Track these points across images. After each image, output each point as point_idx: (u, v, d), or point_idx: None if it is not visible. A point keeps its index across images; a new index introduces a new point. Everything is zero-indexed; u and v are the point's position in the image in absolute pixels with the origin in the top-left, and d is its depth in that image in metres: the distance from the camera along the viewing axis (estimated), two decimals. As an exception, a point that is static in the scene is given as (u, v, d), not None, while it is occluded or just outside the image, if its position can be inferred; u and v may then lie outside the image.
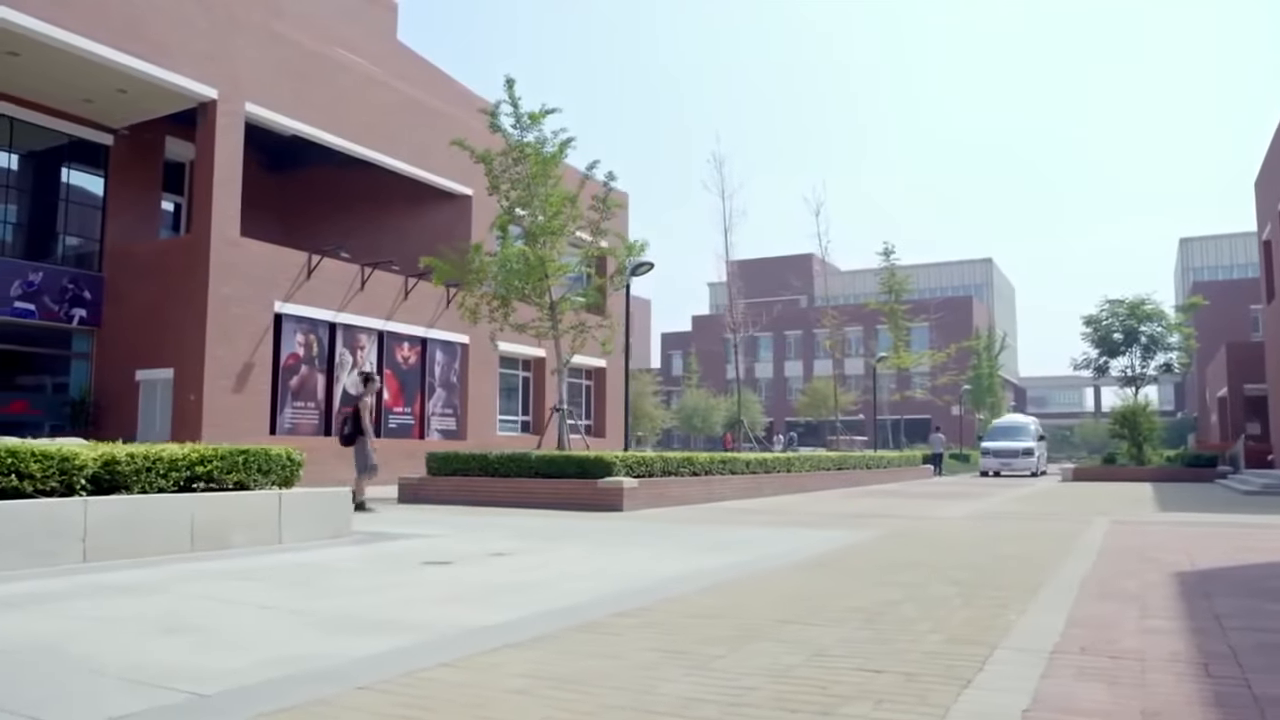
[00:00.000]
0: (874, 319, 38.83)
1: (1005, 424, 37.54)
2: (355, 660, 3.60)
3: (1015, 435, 35.12)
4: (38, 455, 6.53)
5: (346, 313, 21.65)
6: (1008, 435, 35.31)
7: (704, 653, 3.72)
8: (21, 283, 18.64)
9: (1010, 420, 38.81)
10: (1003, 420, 39.16)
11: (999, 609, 4.78)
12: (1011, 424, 37.23)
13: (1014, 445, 34.10)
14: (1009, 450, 33.91)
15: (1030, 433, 35.35)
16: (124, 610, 4.66)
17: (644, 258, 16.50)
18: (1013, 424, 37.18)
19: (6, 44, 16.41)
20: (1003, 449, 34.17)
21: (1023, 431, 35.47)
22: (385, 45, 27.93)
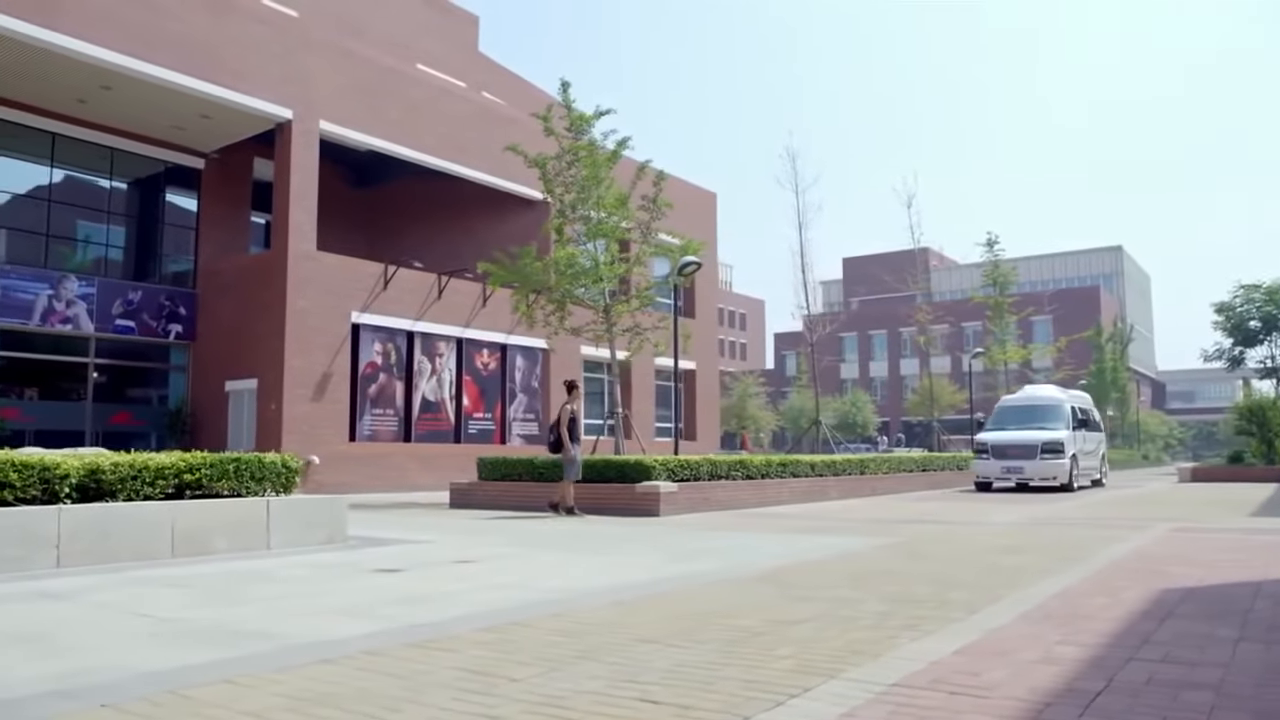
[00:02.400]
0: (997, 314, 36.98)
1: (1020, 401, 22.42)
2: (150, 673, 3.52)
3: (1033, 419, 20.82)
4: (17, 465, 6.80)
5: (424, 321, 22.12)
6: (1021, 419, 21.07)
7: (508, 675, 3.47)
8: (122, 301, 19.83)
9: (1029, 395, 22.77)
10: (1017, 395, 23.30)
11: (906, 629, 4.32)
12: (1030, 401, 22.08)
13: (1028, 437, 20.12)
14: (1020, 445, 20.04)
15: (1061, 414, 20.80)
16: (5, 618, 4.75)
17: (693, 257, 16.14)
18: (1032, 401, 22.05)
19: (99, 79, 17.49)
20: (1010, 443, 20.26)
21: (1047, 413, 21.02)
22: (466, 57, 28.50)
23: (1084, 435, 21.31)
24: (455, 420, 22.96)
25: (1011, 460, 20.08)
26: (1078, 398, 22.97)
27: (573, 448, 12.77)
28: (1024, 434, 20.27)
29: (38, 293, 18.53)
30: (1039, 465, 19.69)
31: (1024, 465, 19.87)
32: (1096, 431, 23.02)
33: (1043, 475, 19.66)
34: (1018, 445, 20.09)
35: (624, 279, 18.88)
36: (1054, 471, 19.55)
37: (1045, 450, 19.68)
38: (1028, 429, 20.42)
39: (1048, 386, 24.02)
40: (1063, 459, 19.51)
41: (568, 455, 12.77)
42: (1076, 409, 21.46)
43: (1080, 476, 20.60)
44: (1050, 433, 20.03)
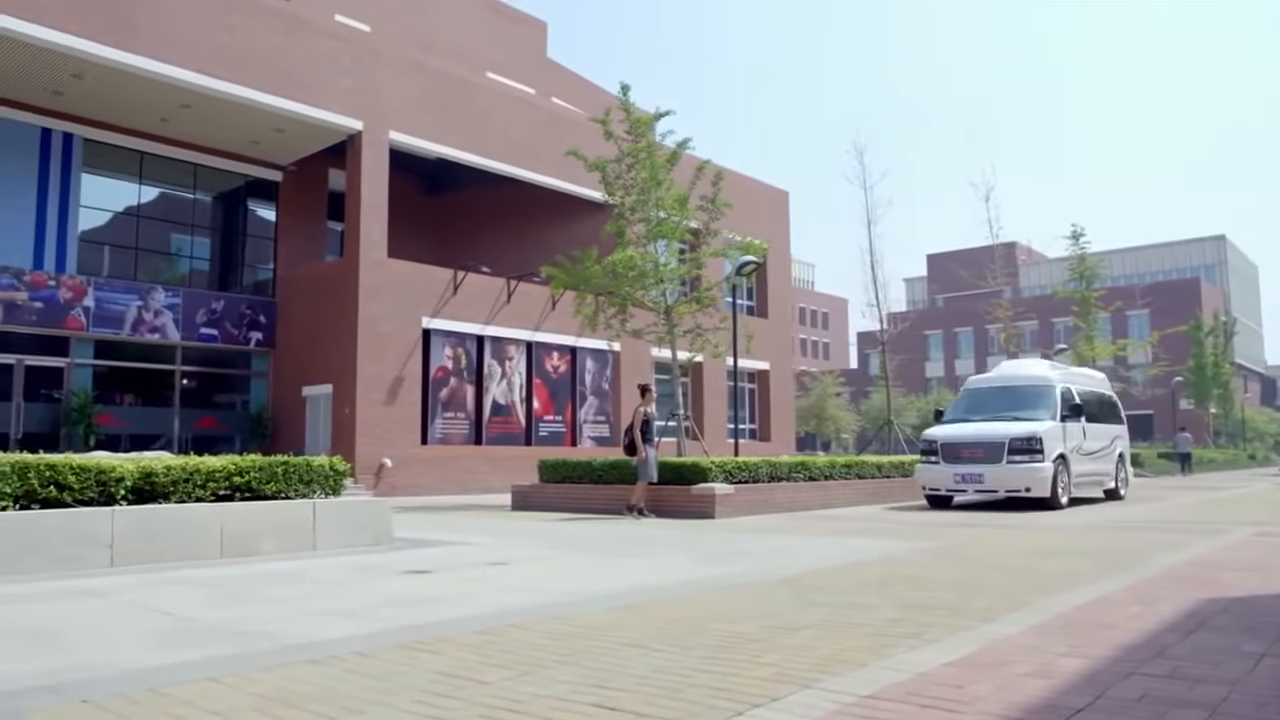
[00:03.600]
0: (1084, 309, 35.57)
1: (992, 382, 16.32)
2: (140, 671, 3.63)
3: (1007, 406, 15.05)
4: (75, 468, 7.12)
5: (494, 325, 22.44)
6: (991, 406, 15.32)
7: (479, 678, 3.47)
8: (206, 311, 20.65)
9: (1006, 374, 16.40)
10: (990, 374, 16.94)
11: (908, 638, 4.17)
12: (1006, 381, 15.95)
13: (990, 432, 14.34)
14: (978, 443, 14.28)
15: (1045, 399, 14.87)
16: (29, 615, 4.95)
17: (752, 257, 15.97)
18: (1009, 381, 15.90)
19: (178, 98, 18.27)
20: (964, 441, 14.48)
21: (1027, 397, 15.10)
22: (534, 63, 28.82)
23: (1081, 428, 14.90)
24: (526, 423, 23.22)
25: (966, 465, 14.03)
26: (1079, 377, 16.78)
27: (648, 450, 12.84)
28: (986, 427, 14.32)
29: (128, 304, 19.45)
30: (1004, 472, 13.73)
31: (983, 472, 13.84)
32: (1110, 424, 16.70)
33: (1010, 485, 13.78)
34: (975, 444, 14.07)
35: (690, 280, 18.82)
36: (1025, 480, 13.59)
37: (1015, 450, 13.65)
38: (995, 419, 14.54)
39: (1033, 361, 17.98)
40: (1040, 462, 13.52)
41: (640, 457, 12.88)
42: (1072, 393, 15.12)
43: (1078, 485, 14.73)
44: (1024, 424, 14.00)
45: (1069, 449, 14.44)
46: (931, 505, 15.03)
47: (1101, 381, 17.99)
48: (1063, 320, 55.05)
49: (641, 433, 13.00)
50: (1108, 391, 17.87)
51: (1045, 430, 13.97)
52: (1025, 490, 13.74)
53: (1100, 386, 17.59)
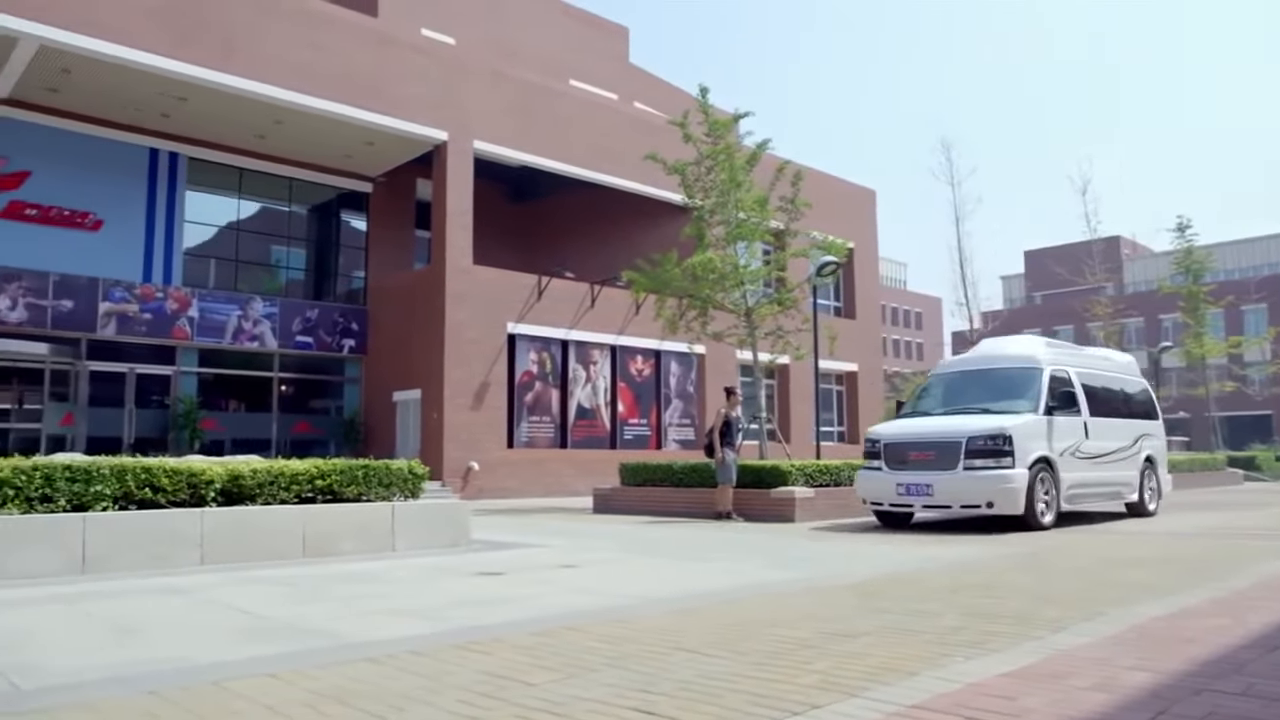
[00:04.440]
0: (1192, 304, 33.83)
1: (967, 365, 12.82)
2: (206, 665, 3.79)
3: (980, 395, 11.66)
4: (168, 471, 7.48)
5: (578, 330, 22.67)
6: (960, 395, 11.95)
7: (526, 679, 3.51)
8: (301, 319, 21.43)
9: (984, 354, 12.88)
10: (967, 355, 13.55)
11: (968, 647, 4.05)
12: (983, 364, 12.42)
13: (944, 429, 10.94)
14: (926, 444, 10.96)
15: (1027, 386, 11.34)
16: (116, 610, 5.22)
17: (832, 257, 15.74)
18: (985, 364, 12.38)
19: (273, 115, 19.03)
20: (911, 441, 11.17)
21: (1004, 384, 11.68)
22: (617, 69, 29.02)
23: (1081, 424, 11.55)
24: (610, 426, 23.38)
25: (913, 472, 10.81)
26: (1088, 359, 13.03)
27: (726, 453, 12.81)
28: (943, 423, 11.09)
29: (229, 314, 20.34)
30: (959, 481, 10.38)
31: (932, 481, 10.52)
32: (1133, 419, 13.07)
33: (966, 498, 10.46)
34: (925, 444, 10.86)
35: (773, 281, 18.68)
36: (986, 491, 10.25)
37: (974, 452, 10.34)
38: (961, 413, 11.24)
39: (1022, 338, 13.69)
40: (1008, 468, 10.20)
41: (718, 460, 12.87)
42: (1070, 378, 11.73)
43: (1075, 497, 11.41)
44: (990, 418, 10.68)
45: (1058, 450, 10.90)
46: (883, 524, 11.63)
47: (1124, 366, 14.05)
48: (1170, 317, 52.67)
49: (721, 435, 12.97)
50: (1132, 378, 13.93)
51: (1017, 426, 10.42)
52: (986, 505, 10.26)
53: (1121, 372, 13.73)
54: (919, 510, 11.50)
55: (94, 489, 6.98)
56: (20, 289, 17.85)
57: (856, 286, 30.87)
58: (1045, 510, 10.65)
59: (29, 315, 17.91)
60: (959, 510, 11.28)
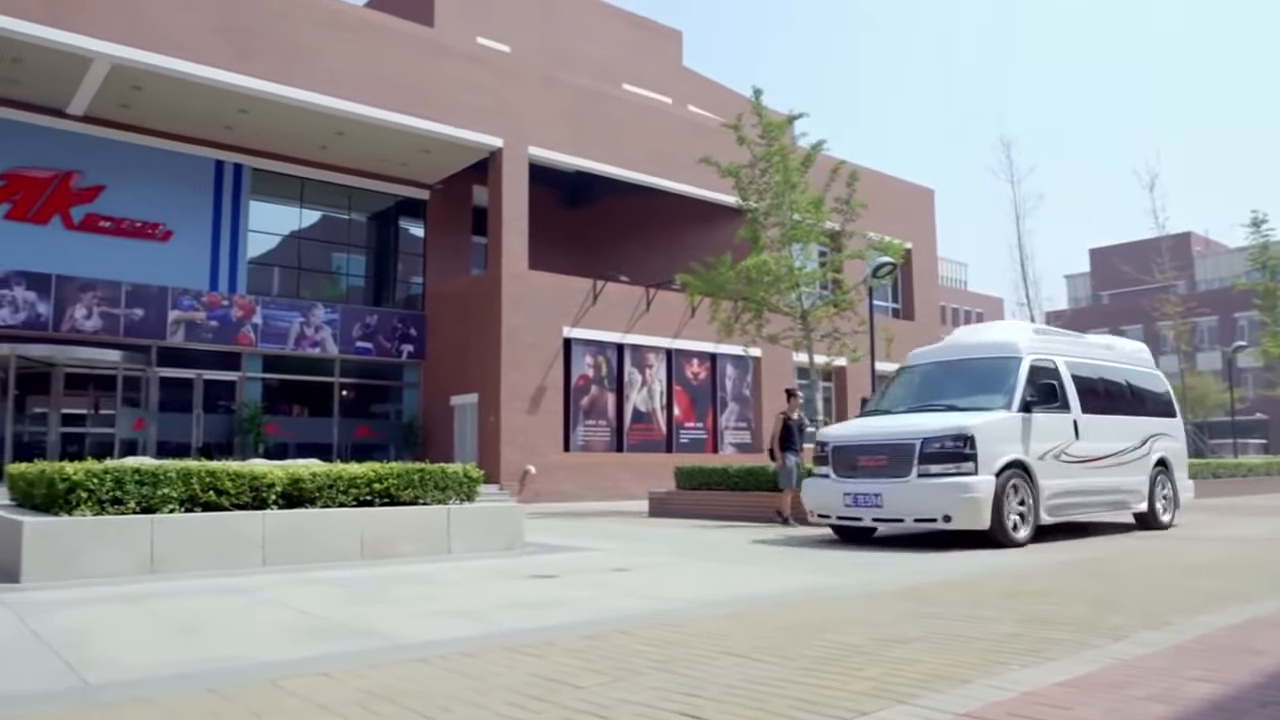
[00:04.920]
0: (1269, 302, 32.54)
1: (939, 355, 11.05)
2: (263, 664, 3.88)
3: (949, 390, 10.11)
4: (231, 474, 7.67)
5: (634, 333, 22.71)
6: (928, 390, 10.38)
7: (575, 682, 3.53)
8: (361, 325, 21.84)
9: (962, 341, 11.17)
10: (941, 344, 11.74)
11: (1024, 654, 3.96)
12: (956, 354, 10.77)
13: (897, 430, 9.39)
14: (876, 447, 9.45)
15: (1001, 380, 9.71)
16: (180, 609, 5.37)
17: (889, 258, 15.54)
18: (959, 354, 10.73)
19: (334, 126, 19.48)
20: (861, 444, 9.66)
21: (979, 377, 10.06)
22: (670, 72, 29.04)
23: (1070, 422, 9.93)
24: (667, 430, 23.37)
25: (861, 480, 9.37)
26: (1084, 348, 11.23)
27: (786, 456, 12.73)
28: (899, 422, 9.59)
29: (292, 321, 20.81)
30: (910, 490, 8.92)
31: (882, 491, 9.12)
32: (1142, 417, 11.38)
33: (920, 511, 8.94)
34: (876, 447, 9.44)
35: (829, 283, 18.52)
36: (942, 502, 8.73)
37: (929, 456, 8.90)
38: (923, 410, 9.81)
39: (1003, 324, 12.21)
40: (969, 475, 8.71)
41: (778, 464, 12.79)
42: (1057, 369, 10.08)
43: (1062, 508, 9.74)
44: (951, 417, 9.23)
45: (1038, 453, 9.31)
46: (842, 539, 10.11)
47: (1131, 355, 12.13)
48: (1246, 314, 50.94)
49: (782, 439, 12.87)
50: (1143, 369, 12.07)
51: (982, 425, 8.89)
52: (943, 519, 8.70)
53: (1127, 362, 11.83)
54: (866, 522, 9.53)
55: (161, 492, 7.19)
56: (95, 298, 18.49)
57: (915, 287, 30.44)
58: (1020, 524, 9.04)
59: (103, 324, 18.55)
60: (912, 525, 9.32)
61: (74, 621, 4.99)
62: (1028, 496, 9.18)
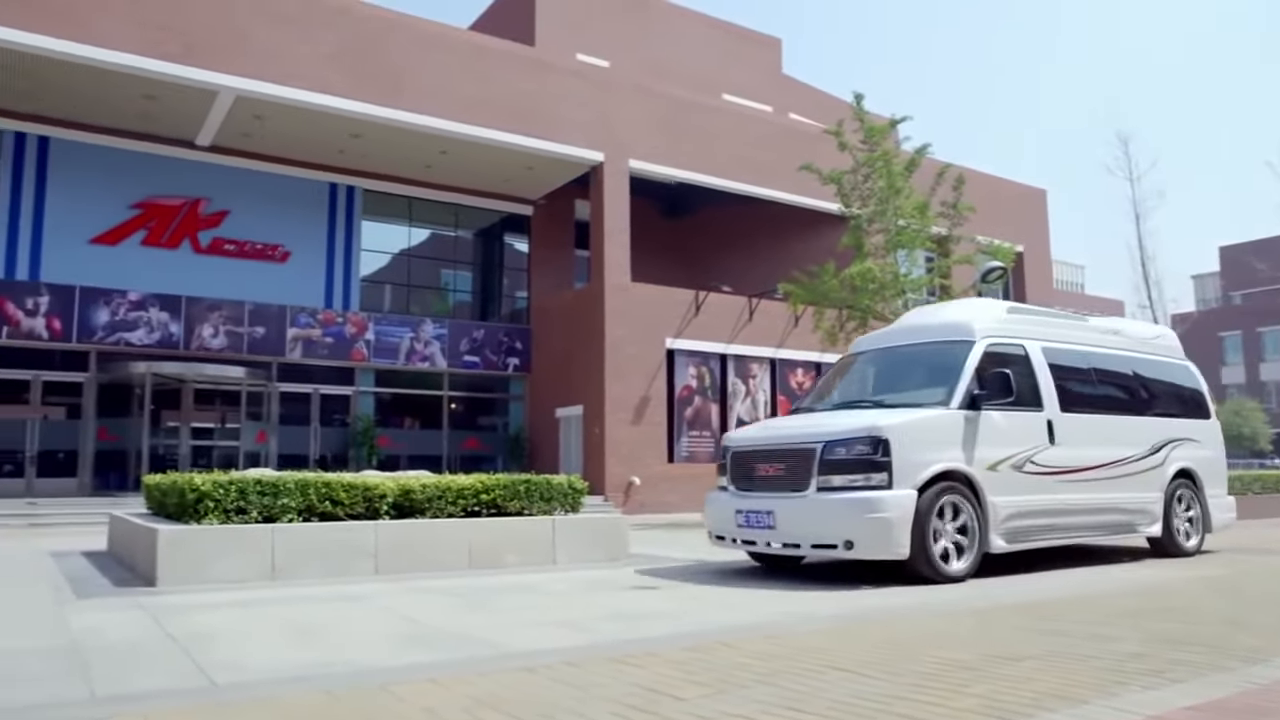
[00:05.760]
0: None
1: (888, 339, 9.10)
2: (377, 669, 4.01)
3: (888, 383, 8.50)
4: (345, 486, 7.96)
5: (736, 344, 22.61)
6: (869, 383, 8.76)
7: (677, 694, 3.52)
8: (468, 340, 22.39)
9: (913, 323, 9.12)
10: (894, 326, 9.78)
11: (1147, 675, 3.76)
12: (903, 337, 8.84)
13: (802, 432, 7.45)
14: (779, 449, 7.55)
15: (948, 371, 7.70)
16: (298, 614, 5.58)
17: (998, 263, 15.04)
18: (906, 337, 8.80)
19: (438, 145, 20.10)
20: (759, 448, 7.79)
21: (923, 367, 8.28)
22: (770, 80, 28.90)
23: (1042, 422, 8.01)
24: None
25: (757, 495, 7.63)
26: (1070, 330, 9.13)
27: None
28: (804, 424, 7.76)
29: (402, 336, 21.51)
30: (807, 509, 7.12)
31: (775, 509, 7.34)
32: (1156, 416, 9.30)
33: (818, 535, 7.06)
34: (772, 454, 7.67)
35: (938, 289, 18.07)
36: (844, 526, 6.87)
37: (830, 465, 7.06)
38: (846, 408, 8.17)
39: (959, 302, 10.32)
40: (879, 490, 6.83)
41: None
42: (1021, 356, 8.13)
43: (1028, 532, 7.69)
44: (864, 415, 7.50)
45: (989, 461, 7.38)
46: (767, 566, 8.32)
47: (1147, 342, 9.91)
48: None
49: None
50: (1162, 358, 9.88)
51: (900, 425, 7.02)
52: (844, 546, 6.83)
53: (1138, 350, 9.65)
54: (762, 546, 7.60)
55: (281, 502, 7.51)
56: (221, 318, 19.50)
57: (1028, 291, 29.38)
58: (955, 553, 7.07)
59: (228, 342, 19.54)
60: (810, 551, 7.31)
61: (203, 624, 5.25)
62: (971, 518, 7.16)
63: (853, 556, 6.94)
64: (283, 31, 17.65)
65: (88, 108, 18.11)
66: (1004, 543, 7.40)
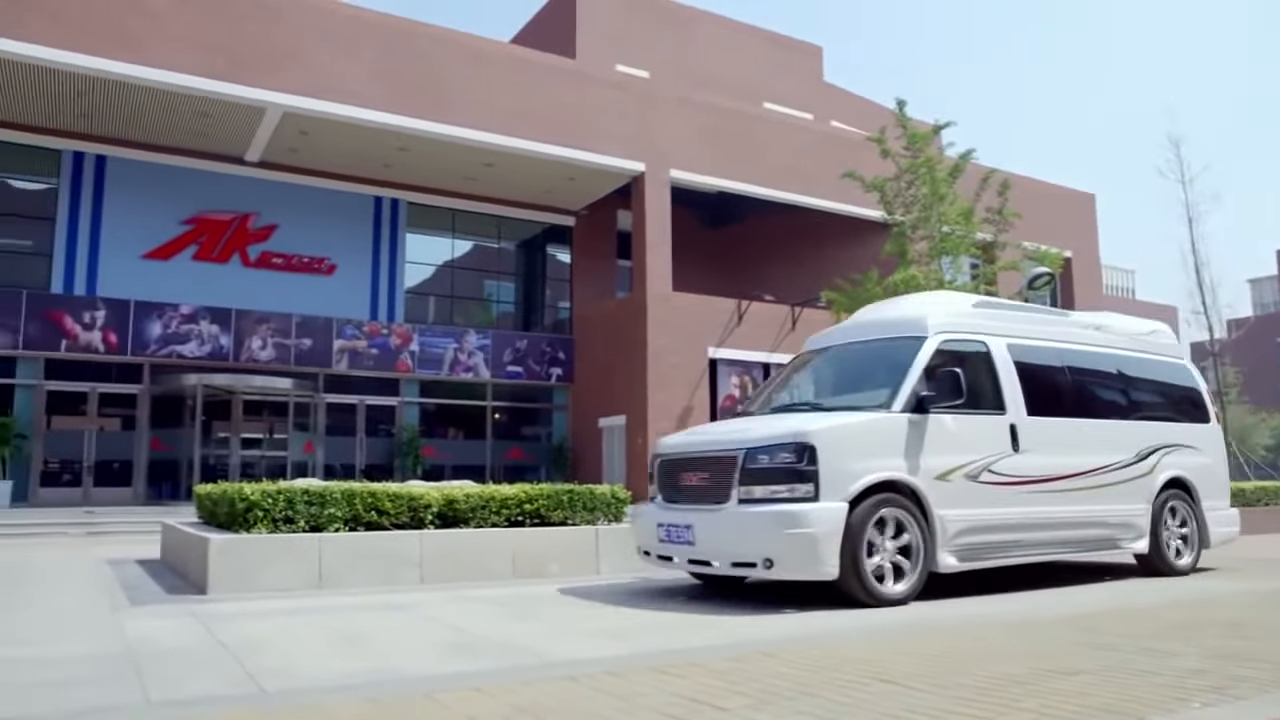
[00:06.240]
0: None
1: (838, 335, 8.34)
2: (421, 677, 4.04)
3: (832, 385, 7.84)
4: (390, 495, 8.04)
5: (779, 352, 22.46)
6: (808, 385, 8.12)
7: (719, 704, 3.49)
8: (511, 350, 22.55)
9: (866, 319, 8.34)
10: (848, 322, 8.86)
11: (1209, 692, 3.65)
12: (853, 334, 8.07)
13: (725, 438, 6.93)
14: (702, 456, 6.86)
15: (895, 370, 6.95)
16: (345, 623, 5.64)
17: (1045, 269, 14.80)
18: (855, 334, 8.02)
19: (482, 158, 20.32)
20: (686, 454, 7.06)
21: (869, 366, 7.58)
22: (811, 89, 28.80)
23: (1000, 427, 7.17)
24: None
25: (680, 507, 6.91)
26: (1042, 325, 8.24)
27: None
28: (732, 429, 7.30)
29: (446, 347, 21.73)
30: (726, 523, 6.41)
31: (694, 522, 6.60)
32: (1143, 419, 8.50)
33: (737, 551, 6.35)
34: (693, 462, 6.97)
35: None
36: (764, 542, 6.15)
37: (752, 475, 6.35)
38: (784, 411, 7.48)
39: (916, 296, 9.85)
40: (804, 503, 6.10)
41: None
42: (981, 354, 7.35)
43: (978, 549, 6.80)
44: (790, 420, 6.75)
45: (936, 471, 6.62)
46: (708, 585, 7.55)
47: (1137, 339, 9.01)
48: None
49: None
50: (1155, 357, 9.00)
51: (828, 430, 6.34)
52: (763, 564, 6.15)
53: (1128, 347, 8.82)
54: (682, 564, 6.89)
55: (328, 511, 7.60)
56: (269, 330, 19.86)
57: (1076, 297, 28.86)
58: (893, 573, 6.34)
59: (276, 354, 19.89)
60: (730, 570, 6.52)
61: (252, 632, 5.33)
62: (915, 534, 6.43)
63: (773, 576, 6.22)
64: (328, 48, 17.98)
65: (143, 127, 18.60)
66: (955, 561, 6.61)
